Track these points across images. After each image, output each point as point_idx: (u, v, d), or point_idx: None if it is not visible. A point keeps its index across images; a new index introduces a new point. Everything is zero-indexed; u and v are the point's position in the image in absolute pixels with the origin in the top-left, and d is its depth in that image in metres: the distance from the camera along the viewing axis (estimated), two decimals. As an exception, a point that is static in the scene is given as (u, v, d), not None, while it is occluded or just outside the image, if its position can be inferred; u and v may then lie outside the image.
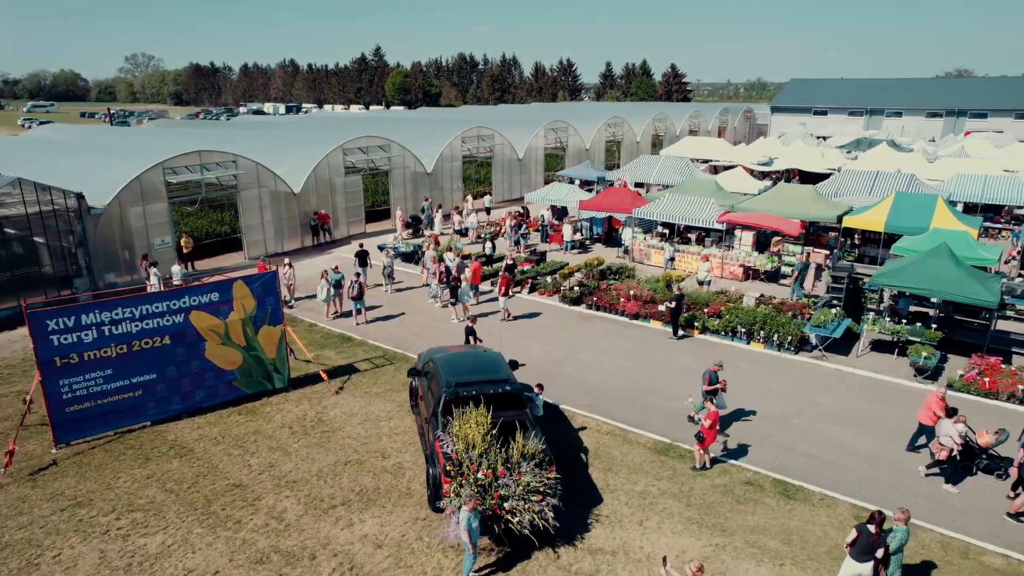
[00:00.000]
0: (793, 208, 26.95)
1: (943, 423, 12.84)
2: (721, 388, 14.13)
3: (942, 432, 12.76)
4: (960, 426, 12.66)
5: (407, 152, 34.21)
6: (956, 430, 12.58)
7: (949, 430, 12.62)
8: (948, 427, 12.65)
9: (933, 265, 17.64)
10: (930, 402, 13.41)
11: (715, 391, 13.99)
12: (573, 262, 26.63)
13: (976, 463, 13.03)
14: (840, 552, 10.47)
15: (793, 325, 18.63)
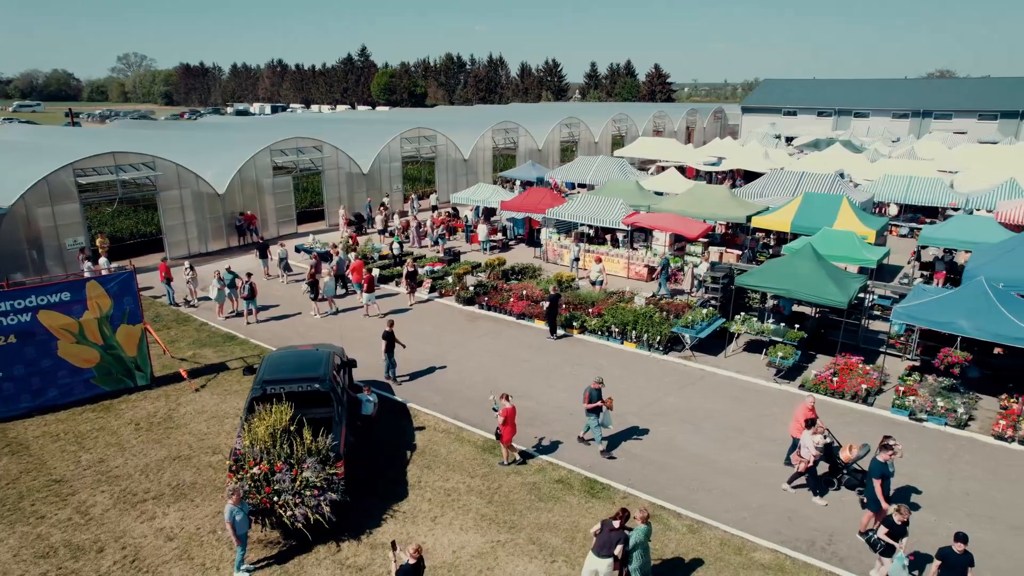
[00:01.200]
0: (706, 208, 27.21)
1: (804, 434, 12.53)
2: (606, 406, 13.46)
3: (802, 443, 12.48)
4: (818, 437, 12.33)
5: (341, 153, 34.48)
6: (813, 441, 12.26)
7: (806, 441, 12.33)
8: (806, 438, 12.35)
9: (795, 266, 17.85)
10: (798, 413, 13.00)
11: (597, 409, 13.38)
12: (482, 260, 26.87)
13: (838, 477, 12.74)
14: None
15: (664, 325, 18.86)
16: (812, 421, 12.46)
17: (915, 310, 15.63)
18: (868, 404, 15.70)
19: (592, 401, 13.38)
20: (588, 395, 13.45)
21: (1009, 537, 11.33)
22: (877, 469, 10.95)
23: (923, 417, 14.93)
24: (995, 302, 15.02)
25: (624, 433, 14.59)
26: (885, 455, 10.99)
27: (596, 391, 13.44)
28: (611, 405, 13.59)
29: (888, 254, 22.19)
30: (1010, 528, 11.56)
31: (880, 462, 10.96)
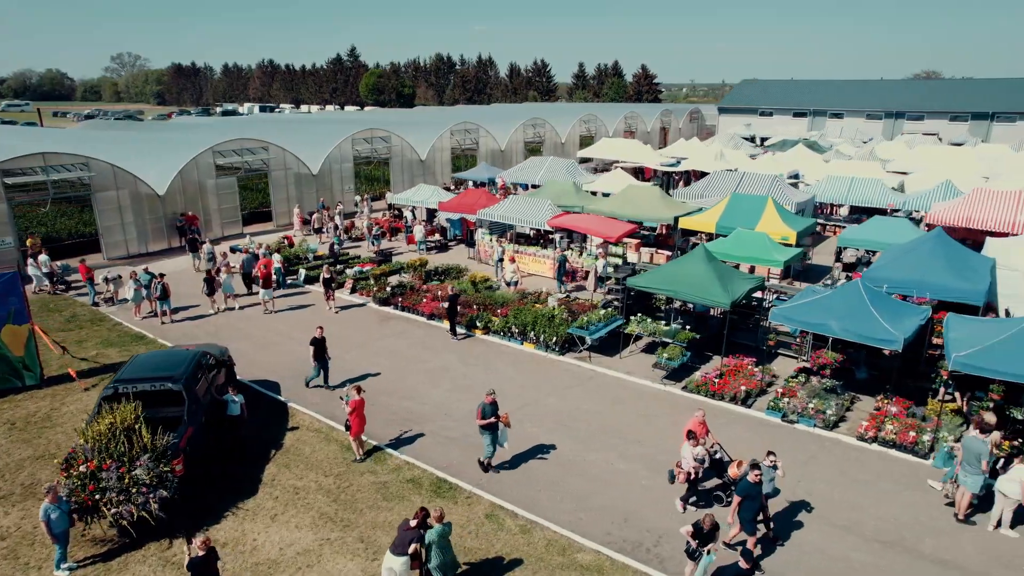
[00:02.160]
0: (636, 209, 27.31)
1: (684, 447, 12.21)
2: (503, 422, 12.86)
3: (681, 455, 12.23)
4: (698, 449, 12.02)
5: (288, 154, 34.61)
6: (692, 453, 11.95)
7: (685, 453, 12.07)
8: (685, 450, 12.09)
9: (686, 267, 17.94)
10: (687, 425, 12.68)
11: (490, 426, 12.73)
12: (429, 263, 26.93)
13: (727, 493, 12.22)
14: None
15: (561, 326, 18.94)
16: (692, 434, 12.12)
17: (791, 311, 15.70)
18: (747, 406, 15.78)
19: (485, 417, 12.68)
20: (481, 411, 12.73)
21: (832, 534, 11.41)
22: (742, 488, 10.61)
23: (794, 419, 15.01)
24: (867, 303, 15.08)
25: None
26: (753, 475, 10.56)
27: (489, 406, 12.71)
28: (507, 421, 12.94)
29: (802, 255, 22.24)
30: (834, 526, 11.64)
31: (748, 482, 10.56)
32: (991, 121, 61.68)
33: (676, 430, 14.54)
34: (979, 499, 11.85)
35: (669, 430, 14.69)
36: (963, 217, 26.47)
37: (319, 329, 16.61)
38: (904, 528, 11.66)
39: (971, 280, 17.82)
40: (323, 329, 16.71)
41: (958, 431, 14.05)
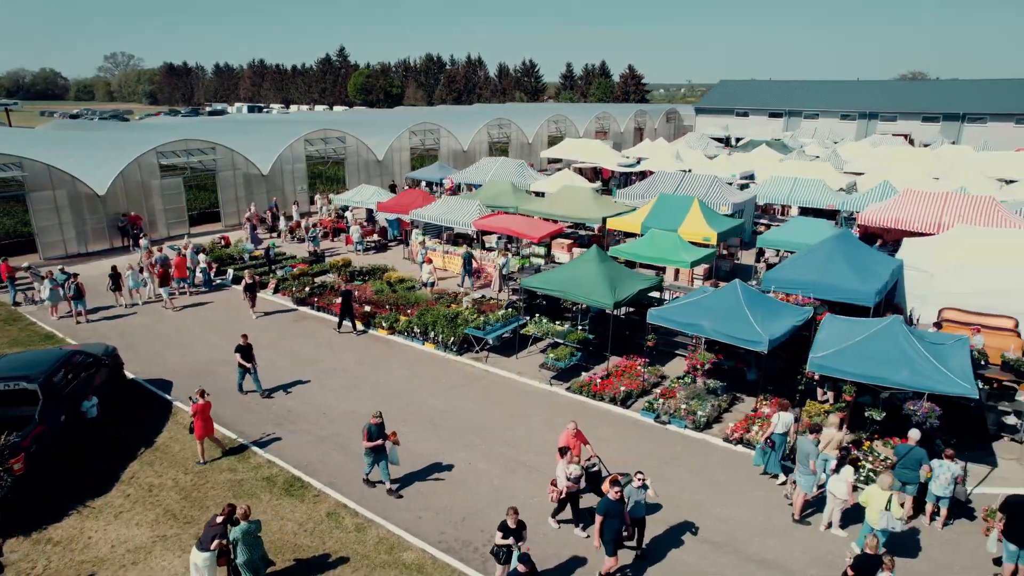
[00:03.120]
0: (568, 209, 27.44)
1: (559, 464, 11.55)
2: (393, 441, 12.49)
3: (556, 473, 11.56)
4: (572, 467, 11.39)
5: (236, 154, 34.73)
6: (565, 471, 11.35)
7: (559, 471, 11.48)
8: (559, 468, 11.49)
9: (579, 268, 18.02)
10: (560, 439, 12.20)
11: (376, 448, 12.31)
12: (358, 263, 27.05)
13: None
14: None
15: (460, 327, 19.03)
16: (564, 450, 11.63)
17: (667, 311, 15.78)
18: (626, 407, 15.85)
19: (371, 439, 12.21)
20: (367, 432, 12.26)
21: (668, 534, 11.49)
22: (601, 506, 10.13)
23: (666, 420, 15.09)
24: (742, 304, 15.16)
25: (356, 431, 14.70)
26: (613, 492, 10.10)
27: (375, 427, 12.25)
28: (396, 440, 12.58)
29: (711, 256, 22.30)
30: (669, 525, 11.73)
31: (608, 499, 10.09)
32: (962, 122, 61.63)
33: (547, 431, 14.78)
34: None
35: (539, 431, 14.82)
36: (892, 218, 26.50)
37: (243, 337, 16.30)
38: (740, 528, 11.74)
39: (866, 281, 17.85)
40: (248, 336, 16.37)
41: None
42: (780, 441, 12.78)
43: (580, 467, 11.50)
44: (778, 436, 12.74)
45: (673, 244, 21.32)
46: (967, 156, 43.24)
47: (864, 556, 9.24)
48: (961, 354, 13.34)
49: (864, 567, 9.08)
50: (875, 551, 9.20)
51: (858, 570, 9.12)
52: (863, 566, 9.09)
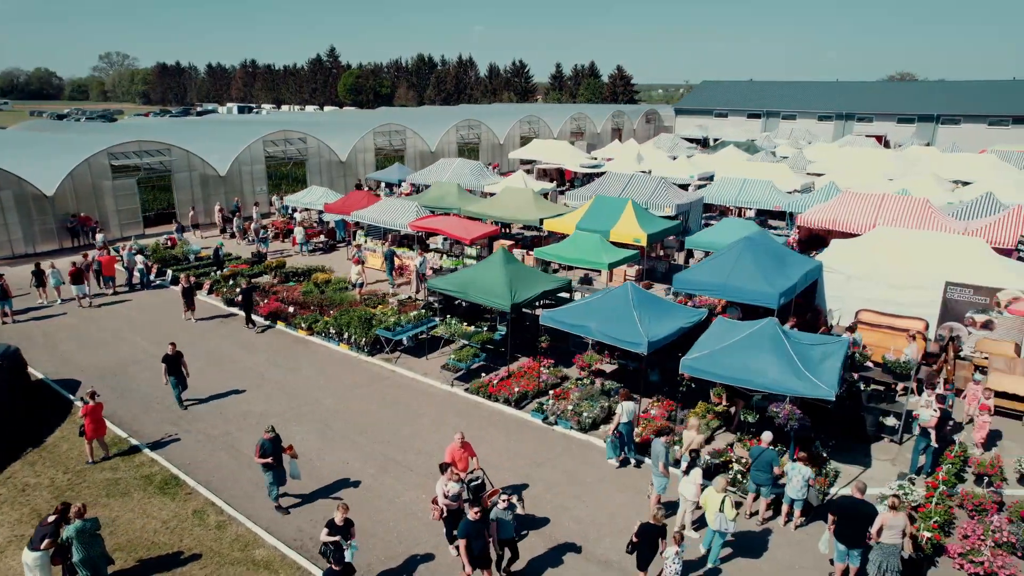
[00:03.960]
0: (506, 211, 27.65)
1: (439, 481, 11.03)
2: (289, 455, 12.15)
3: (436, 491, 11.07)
4: (452, 485, 10.93)
5: (192, 155, 34.94)
6: (444, 489, 10.91)
7: (437, 488, 11.00)
8: (438, 484, 10.99)
9: (484, 269, 18.16)
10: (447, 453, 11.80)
11: (269, 466, 11.89)
12: (301, 264, 27.19)
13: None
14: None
15: (373, 328, 19.17)
16: (445, 466, 11.16)
17: (558, 313, 15.90)
18: (519, 408, 15.97)
19: (264, 455, 11.82)
20: (260, 448, 11.85)
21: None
22: (462, 529, 9.82)
23: (553, 421, 15.22)
24: (630, 305, 15.28)
25: (252, 431, 14.91)
26: (472, 512, 9.78)
27: (268, 442, 11.85)
28: (293, 453, 12.25)
29: (632, 258, 22.40)
30: (523, 525, 11.86)
31: (467, 520, 9.79)
32: (936, 123, 61.62)
33: (432, 431, 14.97)
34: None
35: (424, 431, 14.99)
36: (829, 220, 26.59)
37: (171, 346, 15.75)
38: (595, 528, 11.87)
39: (771, 283, 17.91)
40: (176, 345, 15.85)
41: (705, 433, 14.29)
42: (627, 431, 13.24)
43: (460, 484, 11.01)
44: (624, 426, 13.17)
45: (594, 246, 21.45)
46: (930, 157, 43.28)
47: (646, 525, 9.90)
48: (835, 356, 13.43)
49: (646, 534, 9.81)
50: (659, 522, 9.91)
51: (641, 536, 9.85)
52: (645, 534, 9.85)
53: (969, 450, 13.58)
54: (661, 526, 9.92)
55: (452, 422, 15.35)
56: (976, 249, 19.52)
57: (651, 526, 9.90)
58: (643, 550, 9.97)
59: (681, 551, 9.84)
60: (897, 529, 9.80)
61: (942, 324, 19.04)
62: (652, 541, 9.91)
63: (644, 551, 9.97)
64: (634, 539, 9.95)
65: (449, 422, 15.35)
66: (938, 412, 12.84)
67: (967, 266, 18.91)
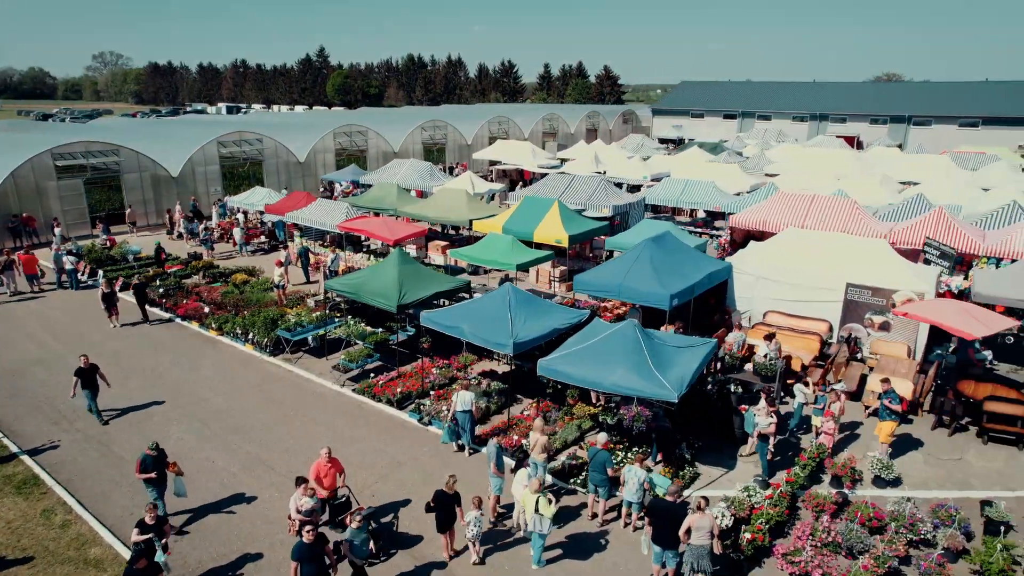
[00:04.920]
0: (439, 211, 27.76)
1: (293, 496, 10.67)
2: (175, 472, 11.77)
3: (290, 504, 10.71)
4: (305, 500, 10.52)
5: (142, 156, 35.09)
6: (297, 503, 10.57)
7: (291, 502, 10.59)
8: (292, 499, 10.61)
9: (380, 270, 18.24)
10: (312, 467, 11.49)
11: (155, 480, 11.51)
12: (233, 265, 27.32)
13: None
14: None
15: (275, 328, 19.28)
16: (301, 480, 10.84)
17: (436, 315, 15.97)
18: (400, 408, 16.04)
19: (145, 470, 11.40)
20: (140, 463, 11.45)
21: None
22: (294, 551, 9.38)
23: (427, 421, 15.30)
24: (507, 306, 15.32)
25: (131, 431, 15.02)
26: (307, 535, 9.35)
27: (150, 458, 11.45)
28: (178, 470, 11.83)
29: (544, 258, 22.46)
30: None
31: (301, 542, 9.37)
32: (908, 124, 61.55)
33: (307, 430, 15.05)
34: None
35: (299, 431, 15.10)
36: (760, 220, 26.65)
37: (83, 358, 15.21)
38: (433, 528, 11.92)
39: (666, 284, 17.93)
40: (88, 357, 15.32)
41: (574, 434, 14.39)
42: (462, 419, 13.78)
43: (315, 499, 10.70)
44: (460, 414, 13.78)
45: (505, 247, 21.52)
46: (889, 158, 43.25)
47: (440, 492, 10.71)
48: (694, 358, 13.47)
49: (439, 501, 10.68)
50: (451, 490, 10.73)
51: (436, 502, 10.66)
52: (438, 501, 10.69)
53: (827, 452, 13.62)
54: (454, 494, 10.72)
55: (330, 422, 15.48)
56: (878, 250, 19.54)
57: (444, 494, 10.70)
58: (439, 515, 10.76)
59: (480, 516, 10.67)
60: (704, 530, 9.86)
61: (843, 325, 19.11)
62: (447, 508, 10.72)
63: (440, 516, 10.76)
64: (431, 503, 10.73)
65: (327, 422, 15.46)
66: (774, 419, 12.89)
67: (868, 267, 18.95)
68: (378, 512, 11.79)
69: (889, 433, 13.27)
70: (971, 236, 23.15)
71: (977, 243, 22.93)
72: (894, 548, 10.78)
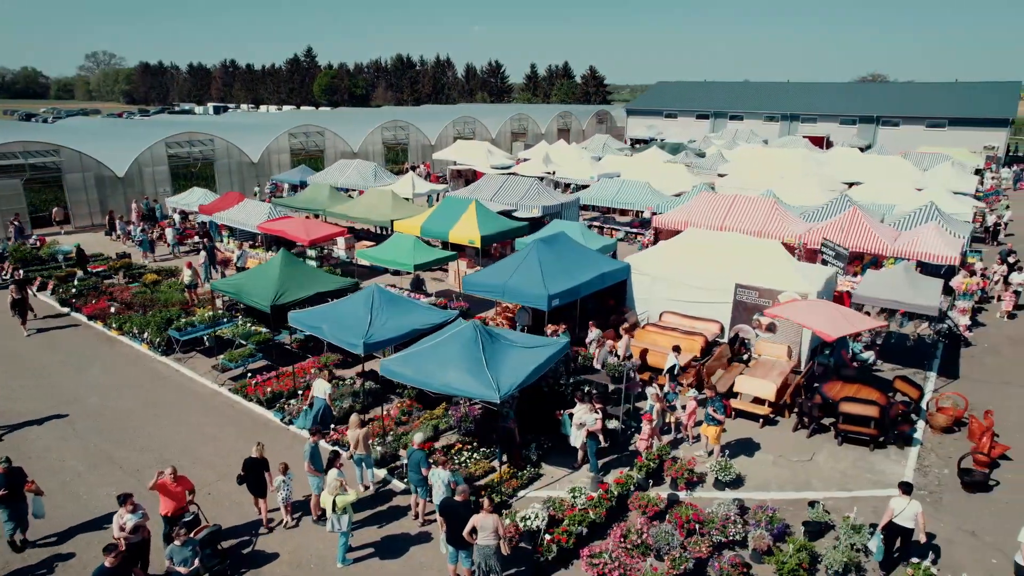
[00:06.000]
0: (367, 212, 27.86)
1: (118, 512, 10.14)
2: (32, 491, 11.12)
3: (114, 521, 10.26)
4: (128, 517, 10.06)
5: (85, 156, 35.19)
6: (119, 521, 10.07)
7: (115, 521, 10.14)
8: (116, 518, 10.16)
9: (262, 270, 18.33)
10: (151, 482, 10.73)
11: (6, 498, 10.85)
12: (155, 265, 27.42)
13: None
14: None
15: (166, 327, 19.36)
16: (124, 497, 10.17)
17: (302, 314, 16.00)
18: (269, 407, 16.08)
19: None
20: None
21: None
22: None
23: (289, 420, 15.35)
24: (368, 307, 15.36)
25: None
26: (109, 560, 8.88)
27: (2, 475, 10.70)
28: (36, 489, 11.23)
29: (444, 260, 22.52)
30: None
31: (103, 566, 8.87)
32: (877, 125, 61.44)
33: (168, 430, 15.16)
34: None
35: (161, 430, 15.16)
36: (681, 221, 26.64)
37: None
38: (257, 528, 12.00)
39: (549, 285, 17.91)
40: None
41: (429, 433, 14.44)
42: (318, 404, 14.43)
43: (140, 515, 10.22)
44: (318, 400, 14.44)
45: (407, 247, 21.58)
46: (843, 158, 43.14)
47: (249, 459, 11.58)
48: (533, 358, 13.45)
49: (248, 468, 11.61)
50: (260, 455, 11.71)
51: (246, 470, 11.64)
52: (247, 468, 11.60)
53: (670, 452, 13.63)
54: (262, 459, 11.65)
55: (197, 421, 15.56)
56: (770, 251, 19.53)
57: (254, 460, 11.58)
58: (250, 481, 11.63)
59: (286, 480, 11.62)
60: (488, 530, 9.89)
61: (733, 326, 19.11)
62: (257, 474, 11.57)
63: (251, 481, 11.63)
64: (241, 473, 11.58)
65: (194, 422, 15.54)
66: (599, 414, 12.92)
67: (759, 268, 18.93)
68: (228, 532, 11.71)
69: (714, 437, 13.27)
70: (881, 237, 23.15)
71: (886, 244, 22.94)
72: (697, 550, 10.80)
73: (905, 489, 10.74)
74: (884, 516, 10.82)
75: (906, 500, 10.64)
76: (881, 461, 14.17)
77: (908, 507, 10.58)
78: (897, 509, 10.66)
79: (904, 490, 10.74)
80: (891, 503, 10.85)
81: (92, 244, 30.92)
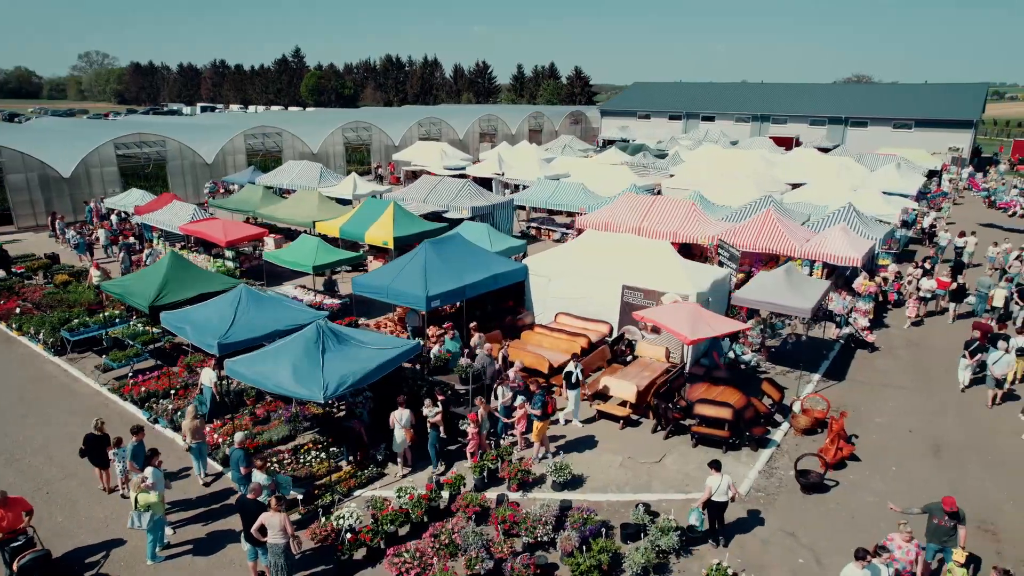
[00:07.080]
0: (294, 213, 28.03)
1: None
2: None
3: None
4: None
5: (27, 156, 35.40)
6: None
7: None
8: None
9: (150, 271, 18.47)
10: None
11: None
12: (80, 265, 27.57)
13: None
14: None
15: (61, 327, 19.51)
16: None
17: (173, 314, 16.13)
18: (145, 407, 16.19)
19: None
20: None
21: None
22: None
23: (154, 420, 15.49)
24: (234, 306, 15.48)
25: None
26: None
27: None
28: None
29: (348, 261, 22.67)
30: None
31: None
32: (845, 125, 61.42)
33: (32, 429, 15.25)
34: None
35: (27, 430, 15.29)
36: (602, 222, 26.69)
37: None
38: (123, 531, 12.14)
39: (432, 286, 17.94)
40: None
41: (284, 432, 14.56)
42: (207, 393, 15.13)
43: None
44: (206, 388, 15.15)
45: (310, 248, 21.72)
46: (803, 158, 43.11)
47: (89, 435, 12.40)
48: (373, 359, 13.50)
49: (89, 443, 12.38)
50: (101, 432, 12.55)
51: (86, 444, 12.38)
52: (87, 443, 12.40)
53: (511, 453, 13.73)
54: (103, 435, 12.50)
55: (65, 421, 15.68)
56: (660, 252, 19.61)
57: (94, 436, 12.41)
58: (91, 455, 12.43)
59: (121, 451, 12.37)
60: (276, 528, 10.00)
61: (621, 327, 19.19)
62: (98, 448, 12.35)
63: (92, 456, 12.44)
64: (82, 447, 12.42)
65: (62, 421, 15.66)
66: (439, 408, 13.07)
67: (647, 269, 18.99)
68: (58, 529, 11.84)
69: (536, 433, 13.38)
70: (791, 239, 23.20)
71: (795, 245, 22.99)
72: (499, 551, 10.90)
73: (716, 467, 11.42)
74: (703, 495, 11.43)
75: (719, 477, 11.28)
76: (730, 463, 14.19)
77: (722, 482, 11.24)
78: (714, 487, 11.25)
79: (715, 468, 11.40)
80: (707, 481, 11.42)
81: (37, 245, 31.15)
